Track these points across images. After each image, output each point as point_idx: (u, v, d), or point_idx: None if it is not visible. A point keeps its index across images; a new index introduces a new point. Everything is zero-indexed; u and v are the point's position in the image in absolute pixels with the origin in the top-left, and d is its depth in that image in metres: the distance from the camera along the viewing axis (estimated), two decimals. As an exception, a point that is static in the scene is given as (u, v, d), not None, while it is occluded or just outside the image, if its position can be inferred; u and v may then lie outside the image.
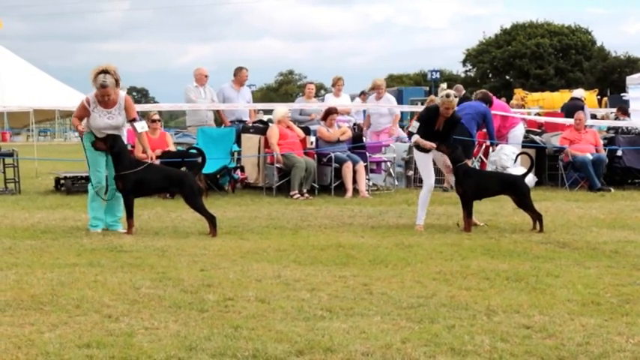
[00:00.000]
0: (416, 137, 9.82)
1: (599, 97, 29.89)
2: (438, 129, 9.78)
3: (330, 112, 14.37)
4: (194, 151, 10.85)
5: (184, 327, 5.12)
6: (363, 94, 21.80)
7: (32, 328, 5.09)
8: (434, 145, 9.74)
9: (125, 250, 8.02)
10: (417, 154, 10.14)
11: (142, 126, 9.69)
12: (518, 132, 15.75)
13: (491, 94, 15.14)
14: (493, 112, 14.60)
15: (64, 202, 12.35)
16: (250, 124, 15.05)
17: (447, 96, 9.72)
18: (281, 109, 14.54)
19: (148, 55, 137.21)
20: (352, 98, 19.17)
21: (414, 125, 10.02)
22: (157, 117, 13.95)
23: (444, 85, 8.35)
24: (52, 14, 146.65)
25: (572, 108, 16.93)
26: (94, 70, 9.15)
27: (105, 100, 9.19)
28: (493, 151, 14.99)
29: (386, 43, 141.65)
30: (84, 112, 9.35)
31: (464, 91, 19.69)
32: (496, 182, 10.05)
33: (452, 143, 9.83)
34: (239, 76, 15.55)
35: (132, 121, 9.48)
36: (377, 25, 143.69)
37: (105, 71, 9.08)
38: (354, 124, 16.62)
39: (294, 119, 15.15)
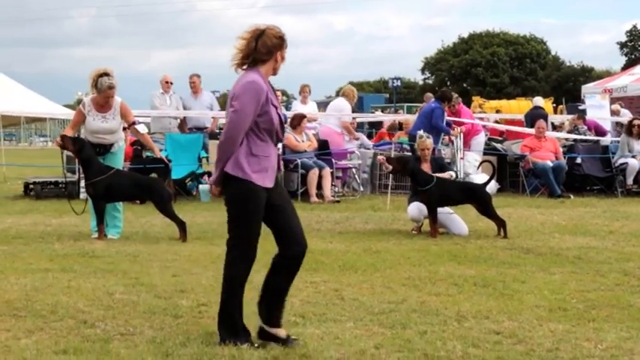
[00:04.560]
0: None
1: (554, 104, 30.24)
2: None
3: (298, 118, 14.41)
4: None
5: (160, 333, 5.15)
6: None
7: (8, 334, 5.10)
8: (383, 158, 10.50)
9: (97, 255, 8.03)
10: None
11: (142, 128, 9.81)
12: (480, 139, 15.99)
13: (450, 94, 15.26)
14: (462, 119, 14.85)
15: (33, 207, 12.28)
16: (217, 131, 15.06)
17: (420, 137, 10.33)
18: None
19: (113, 61, 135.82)
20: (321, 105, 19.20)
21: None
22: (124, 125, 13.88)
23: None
24: (19, 20, 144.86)
25: (535, 116, 17.18)
26: (94, 72, 9.16)
27: (105, 102, 9.24)
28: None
29: (347, 51, 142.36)
30: (80, 117, 9.42)
31: (433, 98, 20.14)
32: (458, 191, 10.08)
33: (403, 156, 10.04)
34: (190, 83, 15.48)
35: (132, 124, 9.56)
36: (339, 33, 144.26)
37: (106, 73, 9.12)
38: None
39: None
